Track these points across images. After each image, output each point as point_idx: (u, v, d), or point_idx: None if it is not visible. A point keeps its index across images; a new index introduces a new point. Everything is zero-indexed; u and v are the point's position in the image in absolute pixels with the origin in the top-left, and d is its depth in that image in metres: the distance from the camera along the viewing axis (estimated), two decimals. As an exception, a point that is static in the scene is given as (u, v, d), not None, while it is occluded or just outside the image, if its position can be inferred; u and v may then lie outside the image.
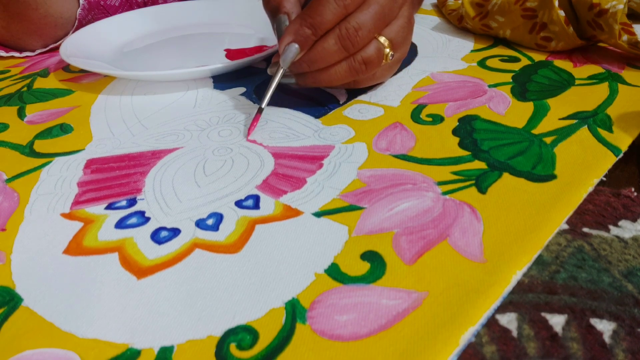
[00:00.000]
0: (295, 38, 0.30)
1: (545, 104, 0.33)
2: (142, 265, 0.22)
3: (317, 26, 0.29)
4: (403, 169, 0.27)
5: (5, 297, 0.21)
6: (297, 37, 0.30)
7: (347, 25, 0.29)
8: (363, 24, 0.29)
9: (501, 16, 0.42)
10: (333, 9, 0.29)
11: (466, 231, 0.22)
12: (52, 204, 0.26)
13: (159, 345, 0.18)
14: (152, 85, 0.40)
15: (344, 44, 0.30)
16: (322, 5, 0.29)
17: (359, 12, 0.30)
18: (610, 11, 0.36)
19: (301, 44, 0.30)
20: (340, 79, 0.32)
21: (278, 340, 0.18)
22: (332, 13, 0.29)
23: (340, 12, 0.29)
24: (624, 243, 0.22)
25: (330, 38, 0.30)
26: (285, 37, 0.30)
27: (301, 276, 0.21)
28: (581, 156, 0.27)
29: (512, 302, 0.19)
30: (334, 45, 0.30)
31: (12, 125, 0.35)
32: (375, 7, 0.30)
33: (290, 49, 0.30)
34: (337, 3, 0.29)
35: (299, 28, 0.29)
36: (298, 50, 0.30)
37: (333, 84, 0.32)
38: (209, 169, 0.28)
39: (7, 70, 0.46)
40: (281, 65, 0.31)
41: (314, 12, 0.29)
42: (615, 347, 0.17)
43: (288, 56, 0.30)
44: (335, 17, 0.29)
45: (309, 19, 0.29)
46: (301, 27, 0.29)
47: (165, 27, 0.52)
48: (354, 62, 0.31)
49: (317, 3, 0.29)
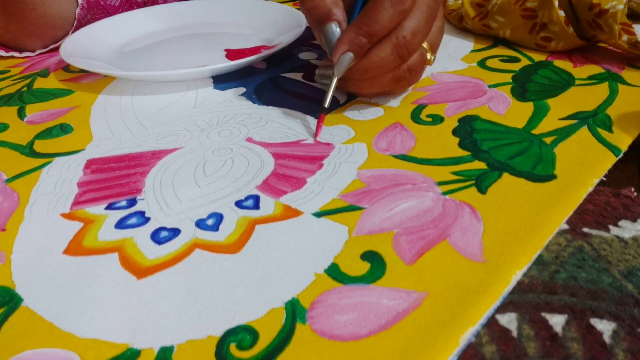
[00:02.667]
0: (350, 47, 0.28)
1: (545, 104, 0.33)
2: (142, 265, 0.22)
3: (374, 34, 0.28)
4: (403, 169, 0.27)
5: (5, 297, 0.21)
6: (353, 46, 0.28)
7: (403, 33, 0.28)
8: (418, 30, 0.28)
9: (501, 16, 0.42)
10: (390, 16, 0.27)
11: (466, 231, 0.22)
12: (52, 204, 0.26)
13: (159, 345, 0.18)
14: (152, 86, 0.40)
15: (400, 53, 0.28)
16: (379, 12, 0.28)
17: (412, 18, 0.28)
18: (610, 11, 0.36)
19: (357, 53, 0.29)
20: (383, 87, 0.31)
21: (278, 340, 0.18)
22: (389, 20, 0.28)
23: (397, 19, 0.28)
24: (624, 243, 0.22)
25: (387, 47, 0.28)
26: (341, 46, 0.29)
27: (301, 276, 0.21)
28: (581, 156, 0.27)
29: (512, 302, 0.19)
30: (390, 55, 0.28)
31: (12, 125, 0.35)
32: (427, 11, 0.28)
33: (345, 58, 0.29)
34: (394, 9, 0.27)
35: (355, 37, 0.28)
36: (353, 59, 0.29)
37: (374, 91, 0.31)
38: (209, 169, 0.28)
39: (7, 70, 0.46)
40: (335, 75, 0.30)
41: (370, 20, 0.28)
42: (615, 347, 0.17)
43: (342, 65, 0.29)
44: (391, 23, 0.28)
45: (365, 27, 0.28)
46: (357, 35, 0.28)
47: (165, 27, 0.53)
48: (400, 71, 0.30)
49: (373, 9, 0.28)
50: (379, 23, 0.28)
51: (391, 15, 0.27)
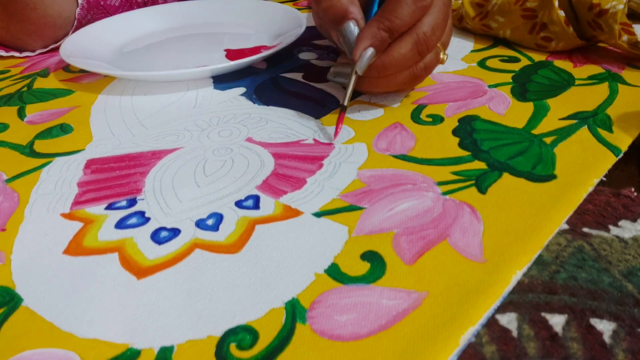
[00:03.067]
0: (373, 42, 0.28)
1: (545, 104, 0.33)
2: (142, 265, 0.22)
3: (395, 29, 0.28)
4: (403, 169, 0.27)
5: (5, 297, 0.21)
6: (375, 41, 0.28)
7: (424, 29, 0.28)
8: (437, 26, 0.28)
9: (501, 16, 0.42)
10: (411, 11, 0.27)
11: (466, 231, 0.22)
12: (52, 204, 0.26)
13: (159, 345, 0.18)
14: (152, 86, 0.40)
15: (420, 49, 0.28)
16: (400, 7, 0.27)
17: (430, 14, 0.28)
18: (610, 11, 0.36)
19: (378, 48, 0.28)
20: (398, 85, 0.30)
21: (278, 340, 0.18)
22: (411, 15, 0.27)
23: (418, 14, 0.27)
24: (624, 243, 0.22)
25: (407, 43, 0.28)
26: (363, 41, 0.28)
27: (301, 276, 0.21)
28: (581, 156, 0.27)
29: (512, 302, 0.19)
30: (410, 51, 0.28)
31: (12, 125, 0.35)
32: (443, 8, 0.28)
33: (367, 54, 0.28)
34: (416, 5, 0.27)
35: (377, 32, 0.28)
36: (374, 54, 0.28)
37: (390, 89, 0.31)
38: (209, 169, 0.28)
39: (7, 70, 0.46)
40: (357, 72, 0.29)
41: (391, 14, 0.27)
42: (615, 347, 0.17)
43: (364, 61, 0.28)
44: (412, 19, 0.28)
45: (386, 22, 0.27)
46: (379, 30, 0.28)
47: (165, 27, 0.53)
48: (416, 69, 0.30)
49: (394, 3, 0.28)
50: (400, 18, 0.27)
51: (412, 11, 0.27)
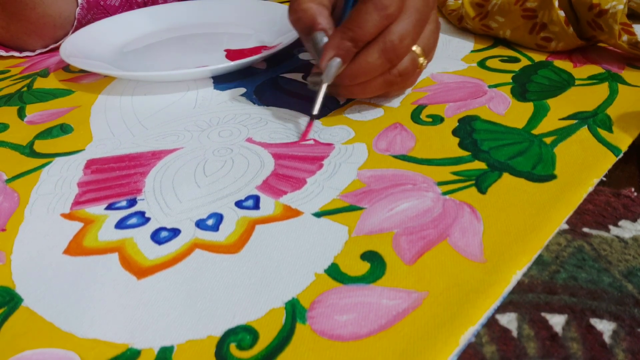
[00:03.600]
0: (337, 52, 0.28)
1: (545, 104, 0.33)
2: (142, 265, 0.22)
3: (359, 39, 0.28)
4: (403, 170, 0.27)
5: (5, 297, 0.21)
6: (339, 51, 0.28)
7: (390, 37, 0.28)
8: (406, 34, 0.28)
9: (501, 16, 0.42)
10: (375, 21, 0.27)
11: (466, 231, 0.22)
12: (52, 204, 0.26)
13: (159, 345, 0.18)
14: (152, 86, 0.40)
15: (388, 57, 0.28)
16: (363, 17, 0.28)
17: (400, 22, 0.28)
18: (610, 11, 0.36)
19: (343, 58, 0.29)
20: (374, 92, 0.31)
21: (278, 340, 0.18)
22: (374, 25, 0.28)
23: (383, 24, 0.28)
24: (624, 243, 0.22)
25: (374, 52, 0.28)
26: (328, 52, 0.29)
27: (301, 276, 0.21)
28: (581, 156, 0.27)
29: (512, 302, 0.19)
30: (378, 59, 0.28)
31: (12, 125, 0.35)
32: (415, 15, 0.28)
33: (333, 63, 0.29)
34: (378, 14, 0.27)
35: (340, 42, 0.28)
36: (341, 64, 0.29)
37: (366, 96, 0.31)
38: (209, 169, 0.28)
39: (7, 70, 0.46)
40: (324, 81, 0.30)
41: (354, 25, 0.28)
42: (615, 347, 0.17)
43: (331, 71, 0.29)
44: (376, 28, 0.28)
45: (350, 32, 0.28)
46: (342, 40, 0.28)
47: (165, 27, 0.53)
48: (390, 75, 0.30)
49: (357, 14, 0.28)
50: (362, 27, 0.28)
51: (375, 20, 0.28)
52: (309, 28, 0.30)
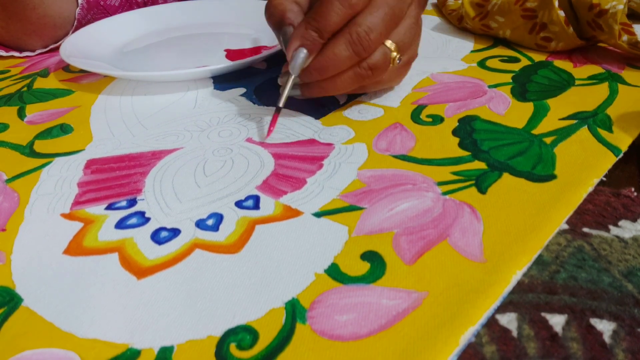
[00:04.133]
0: (302, 42, 0.28)
1: (545, 104, 0.33)
2: (142, 265, 0.22)
3: (323, 29, 0.28)
4: (403, 169, 0.27)
5: (5, 297, 0.21)
6: (304, 40, 0.28)
7: (357, 29, 0.28)
8: (374, 26, 0.28)
9: (501, 16, 0.42)
10: (338, 10, 0.28)
11: (466, 231, 0.22)
12: (52, 204, 0.26)
13: (159, 345, 0.18)
14: (152, 86, 0.40)
15: (355, 49, 0.28)
16: (326, 7, 0.28)
17: (368, 15, 0.28)
18: (610, 11, 0.36)
19: (309, 48, 0.29)
20: (346, 87, 0.31)
21: (278, 340, 0.18)
22: (337, 14, 0.28)
23: (346, 13, 0.28)
24: (624, 243, 0.22)
25: (340, 43, 0.28)
26: (292, 42, 0.29)
27: (301, 276, 0.21)
28: (581, 156, 0.27)
29: (512, 302, 0.19)
30: (345, 51, 0.28)
31: (12, 125, 0.35)
32: (385, 9, 0.28)
33: (299, 54, 0.29)
34: (341, 3, 0.27)
35: (305, 32, 0.28)
36: (307, 55, 0.29)
37: (339, 91, 0.31)
38: (209, 169, 0.28)
39: (7, 70, 0.46)
40: (291, 73, 0.29)
41: (317, 15, 0.28)
42: (615, 347, 0.17)
43: (297, 62, 0.29)
44: (340, 18, 0.28)
45: (314, 22, 0.28)
46: (307, 30, 0.28)
47: (165, 27, 0.53)
48: (360, 69, 0.30)
49: (320, 4, 0.28)
50: (326, 18, 0.28)
51: (338, 10, 0.28)
52: (279, 23, 0.31)
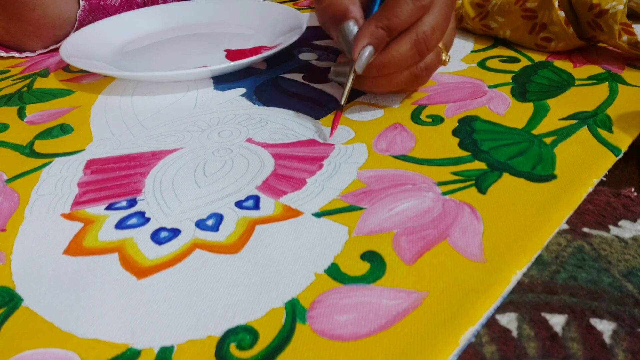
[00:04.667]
0: (370, 40, 0.28)
1: (545, 105, 0.33)
2: (142, 265, 0.22)
3: (393, 27, 0.28)
4: (403, 170, 0.27)
5: (5, 297, 0.21)
6: (373, 39, 0.28)
7: (423, 29, 0.28)
8: (437, 26, 0.28)
9: (501, 16, 0.42)
10: (410, 10, 0.27)
11: (466, 231, 0.22)
12: (52, 205, 0.26)
13: (159, 345, 0.18)
14: (152, 86, 0.40)
15: (419, 49, 0.28)
16: (399, 6, 0.27)
17: (431, 14, 0.28)
18: (610, 12, 0.36)
19: (376, 46, 0.28)
20: (399, 85, 0.30)
21: (278, 340, 0.18)
22: (409, 14, 0.27)
23: (417, 13, 0.28)
24: (624, 243, 0.22)
25: (405, 42, 0.28)
26: (361, 40, 0.28)
27: (301, 276, 0.21)
28: (581, 156, 0.27)
29: (512, 302, 0.19)
30: (409, 50, 0.28)
31: (12, 125, 0.35)
32: (444, 8, 0.28)
33: (366, 52, 0.28)
34: (414, 4, 0.27)
35: (375, 30, 0.28)
36: (373, 53, 0.28)
37: (391, 89, 0.31)
38: (209, 169, 0.28)
39: (7, 70, 0.46)
40: (356, 71, 0.29)
41: (389, 13, 0.28)
42: (615, 347, 0.17)
43: (363, 60, 0.28)
44: (411, 18, 0.28)
45: (385, 20, 0.28)
46: (377, 28, 0.28)
47: (165, 27, 0.53)
48: (417, 69, 0.29)
49: (393, 2, 0.28)
50: (398, 17, 0.27)
51: (411, 10, 0.27)
52: (341, 16, 0.30)
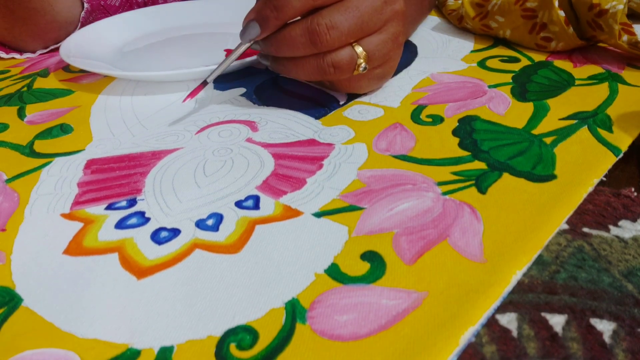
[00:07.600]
0: (255, 16, 0.30)
1: (545, 105, 0.33)
2: (142, 265, 0.22)
3: (280, 8, 0.29)
4: (403, 170, 0.27)
5: (5, 297, 0.21)
6: (258, 15, 0.30)
7: (318, 20, 0.29)
8: (337, 24, 0.29)
9: (501, 16, 0.42)
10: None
11: (466, 231, 0.22)
12: (52, 204, 0.26)
13: (159, 345, 0.18)
14: (152, 86, 0.40)
15: (311, 38, 0.29)
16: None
17: (335, 12, 0.29)
18: (610, 11, 0.36)
19: (261, 24, 0.30)
20: (308, 75, 0.31)
21: (278, 340, 0.18)
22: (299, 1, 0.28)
23: (308, 3, 0.28)
24: (624, 243, 0.22)
25: (298, 27, 0.29)
26: (249, 13, 0.30)
27: (301, 276, 0.21)
28: (581, 156, 0.27)
29: (512, 302, 0.19)
30: (300, 36, 0.29)
31: (12, 125, 0.35)
32: (355, 13, 0.29)
33: (250, 26, 0.30)
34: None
35: (262, 7, 0.29)
36: (258, 30, 0.30)
37: (300, 77, 0.32)
38: (209, 169, 0.28)
39: (7, 70, 0.46)
40: (241, 41, 0.31)
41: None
42: (615, 347, 0.17)
43: (247, 33, 0.31)
44: (301, 4, 0.28)
45: (274, 1, 0.29)
46: (265, 6, 0.29)
47: (165, 27, 0.53)
48: (322, 62, 0.30)
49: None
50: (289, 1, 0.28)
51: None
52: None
